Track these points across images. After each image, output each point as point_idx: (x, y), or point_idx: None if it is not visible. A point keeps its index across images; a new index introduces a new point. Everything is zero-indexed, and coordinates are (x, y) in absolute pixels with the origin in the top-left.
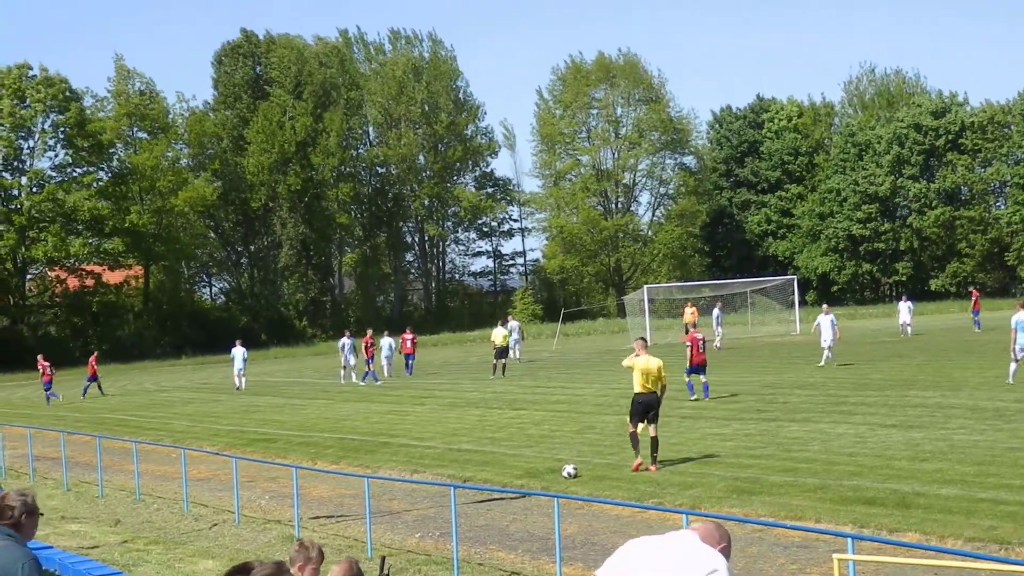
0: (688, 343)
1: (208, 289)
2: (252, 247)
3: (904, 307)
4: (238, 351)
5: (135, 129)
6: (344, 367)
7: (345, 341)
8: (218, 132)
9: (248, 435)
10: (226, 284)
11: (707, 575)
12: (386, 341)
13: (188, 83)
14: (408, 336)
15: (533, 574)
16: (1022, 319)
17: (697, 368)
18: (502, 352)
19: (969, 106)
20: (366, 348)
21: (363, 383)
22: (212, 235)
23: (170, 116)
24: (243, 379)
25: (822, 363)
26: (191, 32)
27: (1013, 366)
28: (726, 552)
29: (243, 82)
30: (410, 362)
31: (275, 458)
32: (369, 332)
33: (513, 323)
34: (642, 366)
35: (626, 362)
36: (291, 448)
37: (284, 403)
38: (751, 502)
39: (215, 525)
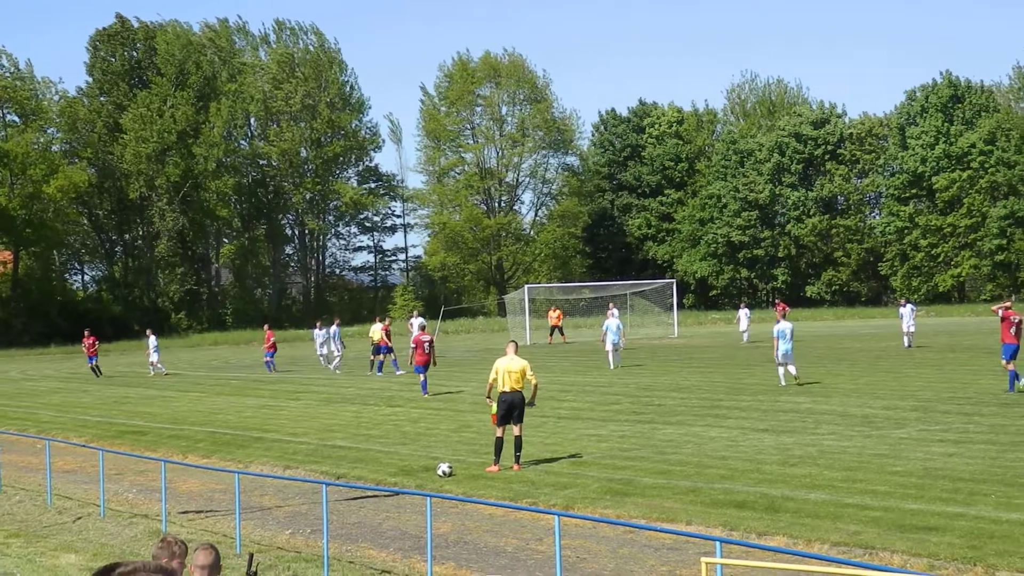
0: (413, 345)
1: (80, 278)
2: (127, 236)
3: (743, 315)
4: (150, 340)
5: (5, 112)
6: (321, 355)
7: (320, 332)
8: (93, 119)
9: (117, 427)
10: (99, 273)
11: None
12: (319, 333)
13: (61, 67)
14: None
15: (404, 573)
16: (783, 329)
17: (419, 367)
18: (379, 348)
19: (848, 117)
20: (387, 335)
21: (399, 372)
22: (85, 223)
23: (42, 98)
24: (158, 366)
25: (612, 367)
26: (65, 14)
27: (781, 370)
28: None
29: (121, 69)
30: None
31: (144, 451)
32: (388, 320)
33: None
34: (505, 366)
35: (489, 378)
36: (161, 441)
37: (156, 395)
38: (624, 503)
39: (79, 518)
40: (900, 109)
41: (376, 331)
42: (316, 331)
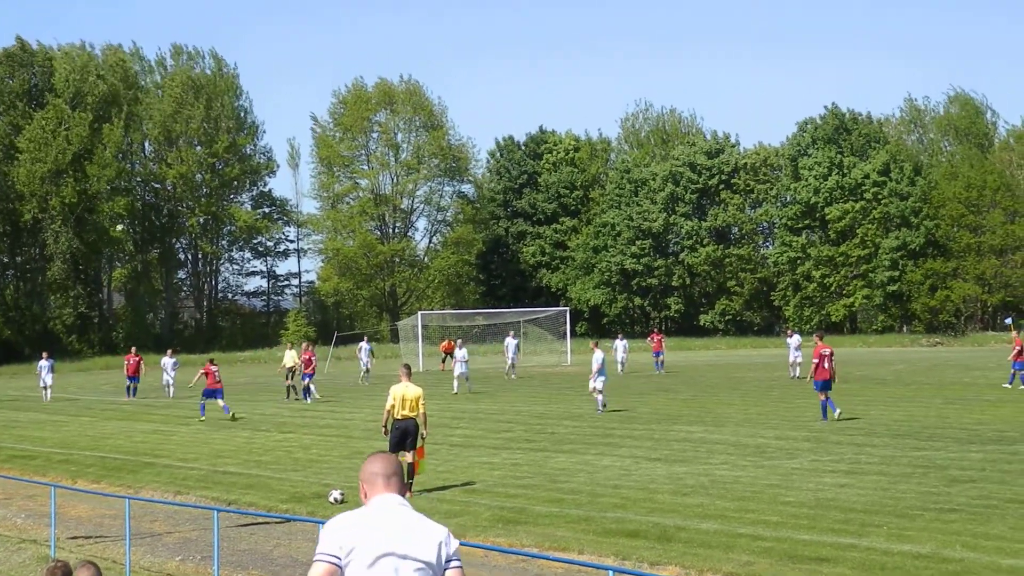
0: (203, 372)
1: None
2: (18, 259)
3: (620, 345)
4: (44, 363)
5: None
6: (165, 384)
7: (170, 360)
8: None
9: (5, 451)
10: None
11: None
12: (168, 361)
13: None
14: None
15: None
16: (599, 357)
17: (208, 391)
18: (291, 373)
19: (742, 147)
20: (306, 364)
21: (308, 400)
22: None
23: None
24: (48, 391)
25: (455, 391)
26: None
27: (599, 397)
28: None
29: (19, 90)
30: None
31: (34, 476)
32: (308, 345)
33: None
34: (399, 393)
35: (387, 404)
36: (51, 466)
37: (46, 419)
38: (516, 532)
39: None
40: (792, 140)
41: (289, 358)
42: (165, 359)
